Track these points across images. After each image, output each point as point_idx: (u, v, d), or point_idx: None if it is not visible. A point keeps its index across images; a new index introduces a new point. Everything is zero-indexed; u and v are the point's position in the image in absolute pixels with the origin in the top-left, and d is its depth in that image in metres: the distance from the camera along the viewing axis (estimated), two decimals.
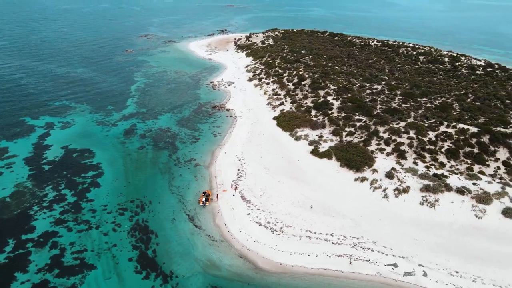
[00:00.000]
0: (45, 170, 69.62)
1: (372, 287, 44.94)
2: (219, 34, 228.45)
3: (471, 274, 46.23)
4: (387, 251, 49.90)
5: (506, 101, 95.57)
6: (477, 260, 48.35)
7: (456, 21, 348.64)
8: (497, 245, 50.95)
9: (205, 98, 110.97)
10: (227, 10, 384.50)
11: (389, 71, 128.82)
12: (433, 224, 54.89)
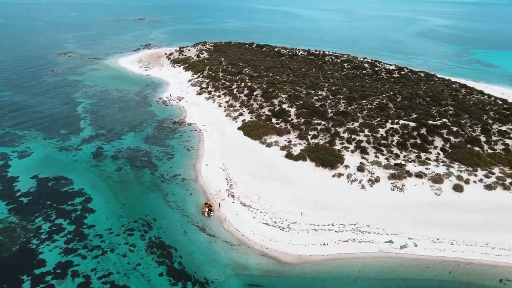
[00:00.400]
0: (25, 203, 66.05)
1: (379, 262, 53.48)
2: (145, 49, 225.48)
3: (447, 239, 57.66)
4: (381, 231, 59.25)
5: (426, 98, 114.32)
6: (448, 228, 60.17)
7: (358, 30, 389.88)
8: (457, 214, 63.71)
9: (161, 115, 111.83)
10: (141, 24, 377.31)
11: (324, 78, 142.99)
12: (406, 205, 66.03)
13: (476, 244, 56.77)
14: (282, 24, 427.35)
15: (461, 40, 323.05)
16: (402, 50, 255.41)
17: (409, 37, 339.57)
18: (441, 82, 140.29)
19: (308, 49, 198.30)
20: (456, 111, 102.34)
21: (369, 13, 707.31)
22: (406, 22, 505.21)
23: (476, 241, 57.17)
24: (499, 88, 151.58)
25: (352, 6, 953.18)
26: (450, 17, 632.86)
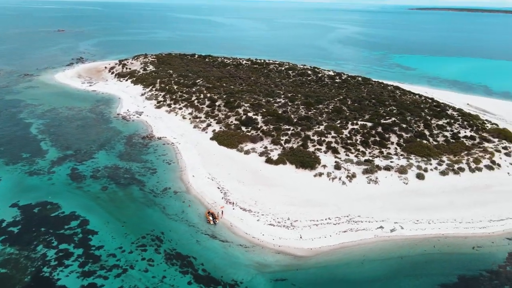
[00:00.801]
0: (17, 233, 62.96)
1: (377, 245, 61.53)
2: (79, 63, 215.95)
3: (425, 220, 67.96)
4: (371, 219, 67.68)
5: (372, 100, 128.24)
6: (422, 210, 70.70)
7: (284, 39, 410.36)
8: (425, 198, 74.84)
9: (126, 131, 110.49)
10: (63, 36, 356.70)
11: (275, 86, 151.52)
12: (383, 195, 75.68)
13: (447, 221, 67.78)
14: (211, 34, 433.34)
15: (378, 46, 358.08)
16: (331, 57, 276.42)
17: (332, 44, 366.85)
18: (377, 85, 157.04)
19: (251, 58, 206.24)
20: (399, 110, 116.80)
21: (289, 21, 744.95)
22: (326, 30, 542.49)
23: (447, 219, 68.23)
24: (422, 88, 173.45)
25: (271, 15, 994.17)
26: (361, 25, 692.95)
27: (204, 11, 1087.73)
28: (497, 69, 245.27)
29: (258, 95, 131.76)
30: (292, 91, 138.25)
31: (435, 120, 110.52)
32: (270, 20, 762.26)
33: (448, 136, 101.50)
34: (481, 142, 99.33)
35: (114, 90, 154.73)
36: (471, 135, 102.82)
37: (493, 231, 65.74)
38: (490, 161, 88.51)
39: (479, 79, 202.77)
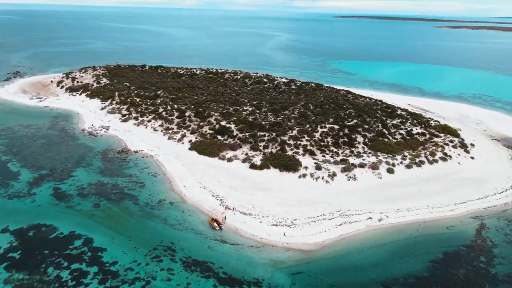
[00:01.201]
0: (20, 258, 60.82)
1: (370, 234, 69.06)
2: (18, 78, 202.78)
3: (404, 208, 77.30)
4: (359, 212, 75.44)
5: (331, 104, 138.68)
6: (399, 200, 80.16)
7: (227, 46, 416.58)
8: (399, 189, 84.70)
9: (98, 146, 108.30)
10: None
11: (237, 94, 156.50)
12: (363, 189, 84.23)
13: (422, 207, 77.83)
14: (150, 43, 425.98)
15: (316, 52, 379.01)
16: (277, 64, 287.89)
17: (274, 51, 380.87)
18: (330, 90, 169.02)
19: (204, 68, 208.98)
20: (358, 113, 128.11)
21: (224, 29, 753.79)
22: (263, 38, 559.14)
23: (421, 206, 78.30)
24: (366, 92, 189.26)
25: (205, 23, 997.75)
26: (295, 32, 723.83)
27: (132, 19, 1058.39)
28: (425, 72, 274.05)
29: (224, 104, 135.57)
30: (256, 99, 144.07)
31: (390, 120, 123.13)
32: (205, 28, 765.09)
33: (404, 134, 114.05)
34: (431, 138, 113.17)
35: (69, 105, 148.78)
36: (422, 132, 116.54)
37: (459, 212, 76.87)
38: (443, 153, 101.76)
39: (412, 81, 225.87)
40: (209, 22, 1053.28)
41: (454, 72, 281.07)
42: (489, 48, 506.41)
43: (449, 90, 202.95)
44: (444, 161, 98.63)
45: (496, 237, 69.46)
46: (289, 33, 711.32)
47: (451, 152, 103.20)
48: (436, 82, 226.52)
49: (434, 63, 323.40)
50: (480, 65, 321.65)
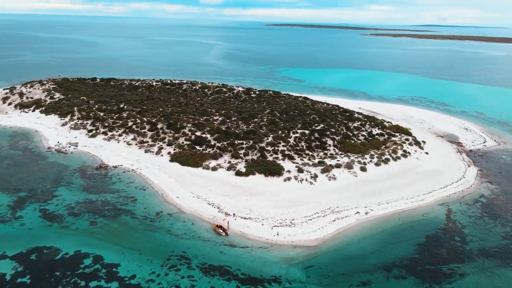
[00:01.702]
0: (31, 282, 59.18)
1: (361, 226, 76.64)
2: None
3: (384, 201, 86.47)
4: (347, 208, 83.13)
5: (295, 111, 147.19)
6: (377, 195, 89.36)
7: (170, 56, 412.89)
8: (374, 185, 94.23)
9: (72, 164, 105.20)
10: None
11: (201, 105, 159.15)
12: (344, 187, 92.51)
13: (398, 199, 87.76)
14: (88, 54, 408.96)
15: (261, 61, 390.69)
16: (226, 73, 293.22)
17: (220, 60, 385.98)
18: (289, 97, 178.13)
19: (161, 79, 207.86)
20: (321, 118, 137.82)
21: (162, 38, 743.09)
22: (204, 47, 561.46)
23: (397, 198, 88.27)
24: (319, 97, 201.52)
25: (139, 32, 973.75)
26: (233, 41, 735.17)
27: (56, 28, 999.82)
28: (365, 78, 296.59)
29: (193, 115, 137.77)
30: (223, 108, 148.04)
31: (351, 123, 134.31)
32: (141, 38, 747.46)
33: (366, 135, 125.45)
34: (390, 137, 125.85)
35: (24, 123, 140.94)
36: (381, 133, 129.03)
37: (428, 201, 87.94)
38: (403, 151, 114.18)
39: (356, 86, 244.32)
40: (142, 31, 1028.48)
41: (388, 77, 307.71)
42: (411, 54, 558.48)
43: (390, 94, 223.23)
44: (405, 157, 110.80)
45: (463, 219, 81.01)
46: (228, 41, 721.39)
47: (409, 149, 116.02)
48: (377, 87, 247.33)
49: (370, 69, 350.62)
50: (408, 69, 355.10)
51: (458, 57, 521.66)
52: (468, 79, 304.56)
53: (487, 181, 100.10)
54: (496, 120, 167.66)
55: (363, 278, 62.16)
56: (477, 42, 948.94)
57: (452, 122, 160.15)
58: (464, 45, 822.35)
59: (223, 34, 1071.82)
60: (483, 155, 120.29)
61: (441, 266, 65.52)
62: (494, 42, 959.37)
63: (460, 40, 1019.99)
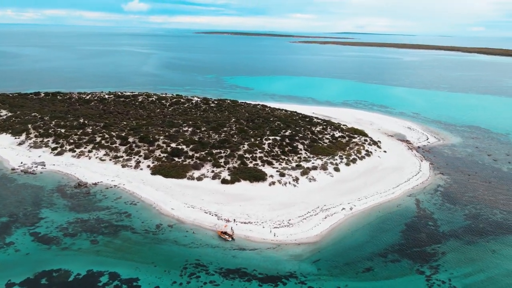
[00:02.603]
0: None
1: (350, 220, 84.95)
2: None
3: (362, 197, 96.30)
4: (333, 205, 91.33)
5: (259, 119, 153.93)
6: (355, 191, 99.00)
7: (107, 67, 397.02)
8: (349, 183, 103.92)
9: (47, 184, 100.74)
10: None
11: (164, 116, 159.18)
12: (324, 187, 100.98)
13: (373, 194, 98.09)
14: (11, 66, 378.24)
15: (204, 69, 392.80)
16: (173, 83, 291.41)
17: (161, 70, 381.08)
18: (247, 105, 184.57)
19: (113, 92, 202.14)
20: (285, 124, 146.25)
21: (92, 48, 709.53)
22: (140, 56, 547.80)
23: (372, 193, 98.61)
24: (274, 104, 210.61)
25: (64, 41, 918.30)
26: (168, 49, 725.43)
27: None
28: (308, 84, 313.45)
29: (162, 127, 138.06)
30: (191, 119, 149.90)
31: (314, 127, 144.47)
32: (68, 47, 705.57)
33: (330, 138, 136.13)
34: (350, 139, 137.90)
35: None
36: (342, 135, 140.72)
37: (398, 194, 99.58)
38: (365, 151, 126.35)
39: (303, 92, 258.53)
40: (66, 40, 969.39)
41: (328, 82, 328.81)
42: (341, 61, 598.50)
43: (335, 98, 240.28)
44: (368, 156, 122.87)
45: (430, 207, 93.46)
46: (162, 50, 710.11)
47: (370, 149, 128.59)
48: (321, 92, 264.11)
49: (309, 75, 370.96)
50: (342, 75, 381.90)
51: (381, 63, 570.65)
52: (396, 83, 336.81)
53: (440, 173, 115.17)
54: (430, 119, 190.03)
55: (365, 265, 70.04)
56: (394, 48, 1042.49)
57: (396, 122, 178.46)
58: (384, 51, 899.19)
59: (154, 42, 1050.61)
60: (430, 151, 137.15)
61: (425, 248, 75.89)
62: (407, 48, 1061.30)
63: (379, 47, 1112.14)
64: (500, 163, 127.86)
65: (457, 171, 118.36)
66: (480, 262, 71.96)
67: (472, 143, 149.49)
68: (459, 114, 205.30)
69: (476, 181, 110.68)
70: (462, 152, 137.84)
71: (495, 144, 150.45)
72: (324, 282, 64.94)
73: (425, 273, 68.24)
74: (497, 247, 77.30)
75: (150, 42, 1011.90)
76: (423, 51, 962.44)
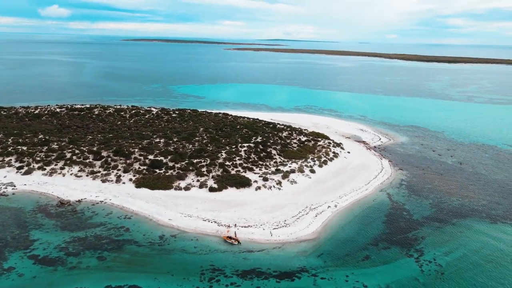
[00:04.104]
0: None
1: (337, 217, 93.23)
2: None
3: (342, 194, 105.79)
4: (320, 204, 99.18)
5: (226, 127, 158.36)
6: (334, 190, 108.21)
7: (41, 78, 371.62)
8: (327, 183, 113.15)
9: (25, 206, 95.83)
10: None
11: (128, 129, 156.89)
12: (307, 188, 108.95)
13: (351, 191, 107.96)
14: None
15: (146, 79, 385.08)
16: (120, 93, 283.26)
17: (102, 80, 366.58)
18: (209, 114, 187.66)
19: (67, 105, 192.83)
20: (253, 131, 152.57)
21: (13, 57, 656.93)
22: (72, 66, 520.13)
23: (350, 190, 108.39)
24: (229, 111, 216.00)
25: None
26: (101, 58, 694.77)
27: None
28: (256, 91, 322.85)
29: (133, 140, 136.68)
30: (159, 130, 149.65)
31: (280, 133, 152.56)
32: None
33: (298, 142, 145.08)
34: (316, 142, 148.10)
35: None
36: (307, 139, 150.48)
37: (371, 189, 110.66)
38: (332, 152, 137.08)
39: (254, 99, 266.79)
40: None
41: (273, 89, 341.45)
42: (280, 67, 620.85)
43: (286, 104, 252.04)
44: (336, 158, 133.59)
45: (400, 199, 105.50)
46: (94, 59, 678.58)
47: (336, 151, 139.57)
48: (271, 98, 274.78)
49: (254, 82, 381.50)
50: (285, 82, 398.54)
51: (319, 69, 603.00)
52: (337, 88, 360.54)
53: (399, 169, 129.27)
54: (376, 121, 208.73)
55: (362, 254, 78.46)
56: (324, 55, 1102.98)
57: (349, 125, 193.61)
58: (317, 58, 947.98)
59: (81, 50, 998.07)
60: (385, 149, 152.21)
61: (407, 234, 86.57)
62: (336, 55, 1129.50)
63: (311, 53, 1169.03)
64: (444, 157, 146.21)
65: (412, 166, 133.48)
66: (453, 242, 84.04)
67: (417, 141, 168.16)
68: (398, 115, 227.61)
69: (430, 174, 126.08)
70: (411, 150, 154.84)
71: (436, 141, 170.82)
72: (333, 273, 71.83)
73: (413, 256, 78.23)
74: (462, 228, 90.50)
75: (76, 50, 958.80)
76: (350, 57, 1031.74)
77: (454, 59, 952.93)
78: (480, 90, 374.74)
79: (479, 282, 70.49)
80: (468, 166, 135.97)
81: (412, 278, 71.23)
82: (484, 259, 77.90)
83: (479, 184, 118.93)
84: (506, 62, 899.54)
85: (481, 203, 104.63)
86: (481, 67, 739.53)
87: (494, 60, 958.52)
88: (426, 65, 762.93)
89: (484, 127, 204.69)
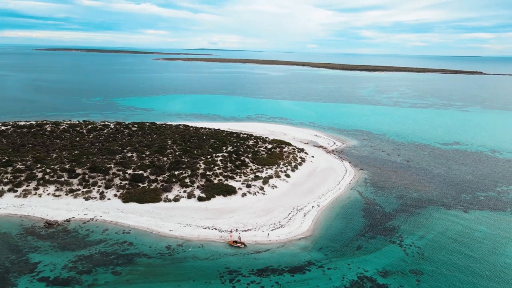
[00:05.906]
0: None
1: (324, 213, 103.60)
2: None
3: (320, 194, 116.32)
4: (305, 204, 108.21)
5: (193, 138, 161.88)
6: (313, 192, 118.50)
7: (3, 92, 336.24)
8: (305, 185, 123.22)
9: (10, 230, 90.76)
10: None
11: (92, 144, 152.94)
12: (288, 191, 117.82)
13: (327, 192, 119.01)
14: None
15: (84, 92, 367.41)
16: (63, 108, 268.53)
17: (31, 94, 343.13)
18: (169, 126, 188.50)
19: (17, 122, 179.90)
20: (221, 141, 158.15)
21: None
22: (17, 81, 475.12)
23: (326, 191, 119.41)
24: (187, 123, 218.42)
25: None
26: (18, 70, 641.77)
27: None
28: (204, 101, 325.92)
29: (104, 155, 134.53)
30: (127, 145, 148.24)
31: (247, 142, 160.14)
32: None
33: (265, 150, 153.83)
34: (282, 149, 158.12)
35: None
36: (273, 146, 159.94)
37: (343, 189, 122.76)
38: (300, 157, 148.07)
39: (205, 110, 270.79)
40: None
41: (219, 99, 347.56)
42: (217, 77, 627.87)
43: (238, 114, 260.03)
44: (304, 162, 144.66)
45: (370, 195, 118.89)
46: (12, 71, 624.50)
47: (302, 156, 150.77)
48: (222, 109, 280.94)
49: (199, 93, 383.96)
50: (228, 92, 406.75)
51: (255, 79, 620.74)
52: (279, 96, 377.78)
53: (360, 169, 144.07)
54: (326, 127, 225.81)
55: (355, 244, 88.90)
56: (255, 64, 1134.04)
57: (303, 131, 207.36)
58: (249, 67, 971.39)
59: None
60: (342, 152, 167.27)
61: (385, 225, 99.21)
62: (266, 64, 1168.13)
63: (242, 63, 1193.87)
64: (393, 156, 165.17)
65: (370, 166, 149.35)
66: (423, 228, 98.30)
67: (367, 144, 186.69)
68: (342, 121, 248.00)
69: (386, 172, 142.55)
70: (364, 151, 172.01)
71: (381, 142, 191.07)
72: (336, 263, 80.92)
73: (396, 242, 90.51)
74: (426, 216, 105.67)
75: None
76: (278, 66, 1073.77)
77: (373, 67, 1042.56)
78: (402, 95, 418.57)
79: (453, 258, 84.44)
80: (414, 163, 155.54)
81: (401, 260, 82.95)
82: (450, 239, 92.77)
83: (427, 178, 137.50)
84: (411, 70, 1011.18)
85: (433, 194, 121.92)
86: (396, 75, 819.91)
87: (404, 68, 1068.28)
88: (350, 73, 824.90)
89: (415, 128, 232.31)
